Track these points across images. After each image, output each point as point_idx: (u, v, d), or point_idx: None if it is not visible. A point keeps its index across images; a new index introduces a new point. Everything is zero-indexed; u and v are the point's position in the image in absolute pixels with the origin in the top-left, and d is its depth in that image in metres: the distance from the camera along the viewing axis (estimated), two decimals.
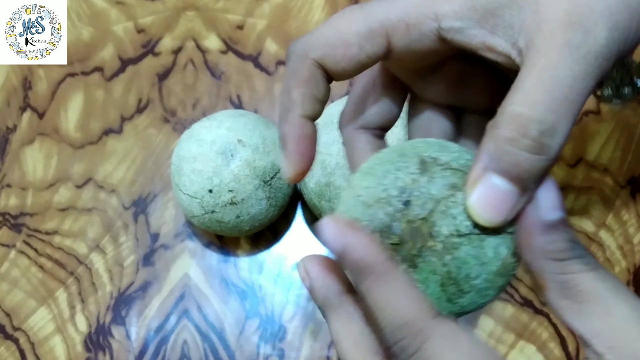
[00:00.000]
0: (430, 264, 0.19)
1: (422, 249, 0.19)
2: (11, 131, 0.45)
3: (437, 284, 0.19)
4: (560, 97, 0.17)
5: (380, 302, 0.18)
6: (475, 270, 0.19)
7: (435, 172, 0.20)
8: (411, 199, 0.20)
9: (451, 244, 0.19)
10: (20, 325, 0.39)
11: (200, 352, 0.38)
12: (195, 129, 0.36)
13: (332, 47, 0.21)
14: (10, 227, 0.42)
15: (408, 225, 0.19)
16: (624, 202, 0.40)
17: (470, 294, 0.20)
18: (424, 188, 0.20)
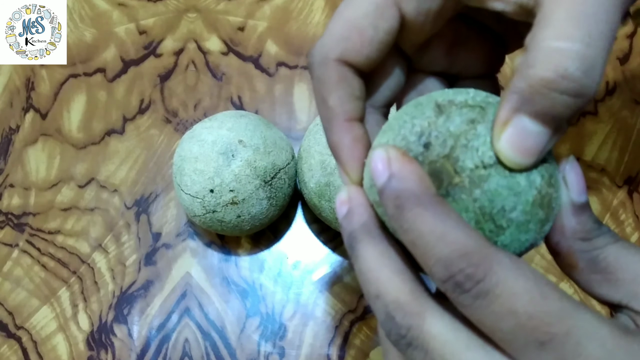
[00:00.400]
0: (460, 202, 0.18)
1: (449, 187, 0.18)
2: (14, 131, 0.45)
3: (472, 221, 0.18)
4: (597, 32, 0.16)
5: (433, 233, 0.17)
6: (509, 201, 0.18)
7: (452, 112, 0.19)
8: (430, 140, 0.19)
9: (478, 177, 0.18)
10: (23, 324, 0.40)
11: (201, 350, 0.38)
12: (197, 130, 0.37)
13: (347, 40, 0.20)
14: (13, 226, 0.42)
15: (431, 167, 0.19)
16: (621, 202, 0.41)
17: (510, 230, 0.19)
18: (442, 127, 0.19)
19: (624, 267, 0.19)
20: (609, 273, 0.19)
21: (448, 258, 0.16)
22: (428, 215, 0.17)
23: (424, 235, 0.17)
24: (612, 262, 0.19)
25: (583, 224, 0.20)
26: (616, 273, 0.19)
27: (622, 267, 0.19)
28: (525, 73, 0.17)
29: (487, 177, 0.18)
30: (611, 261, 0.19)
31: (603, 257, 0.19)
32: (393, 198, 0.17)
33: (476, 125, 0.19)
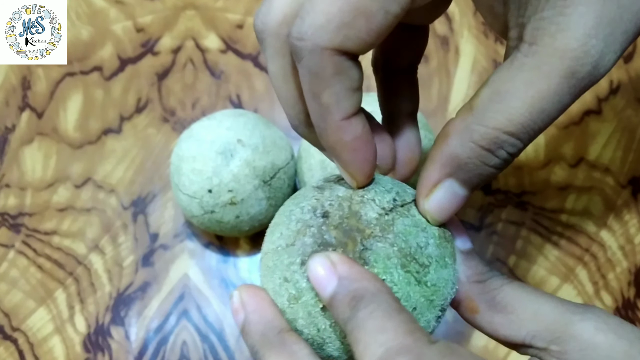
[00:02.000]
0: (381, 252, 0.19)
1: (364, 242, 0.19)
2: (10, 131, 0.44)
3: (398, 267, 0.19)
4: (528, 121, 0.17)
5: (376, 329, 0.16)
6: (421, 238, 0.19)
7: (332, 185, 0.21)
8: (326, 209, 0.19)
9: (386, 223, 0.19)
10: (19, 325, 0.39)
11: (199, 352, 0.38)
12: (195, 129, 0.36)
13: (350, 27, 0.16)
14: (9, 227, 0.42)
15: (338, 231, 0.19)
16: (625, 202, 0.40)
17: (433, 266, 0.19)
18: (331, 196, 0.20)
19: (522, 305, 0.20)
20: (509, 312, 0.20)
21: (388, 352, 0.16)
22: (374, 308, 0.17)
23: (371, 330, 0.16)
24: (511, 301, 0.20)
25: (474, 267, 0.21)
26: (516, 312, 0.20)
27: (521, 305, 0.20)
28: (463, 142, 0.18)
29: (393, 221, 0.19)
30: (509, 300, 0.20)
31: (501, 297, 0.20)
32: (348, 300, 0.17)
33: (356, 189, 0.20)
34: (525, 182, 0.41)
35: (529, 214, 0.40)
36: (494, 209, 0.40)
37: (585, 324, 0.19)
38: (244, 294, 0.20)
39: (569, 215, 0.40)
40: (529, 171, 0.41)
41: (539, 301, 0.20)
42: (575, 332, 0.19)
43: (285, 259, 0.19)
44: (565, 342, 0.19)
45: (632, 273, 0.38)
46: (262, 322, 0.19)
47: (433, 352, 0.16)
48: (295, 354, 0.18)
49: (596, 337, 0.18)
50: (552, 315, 0.19)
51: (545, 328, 0.19)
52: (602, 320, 0.19)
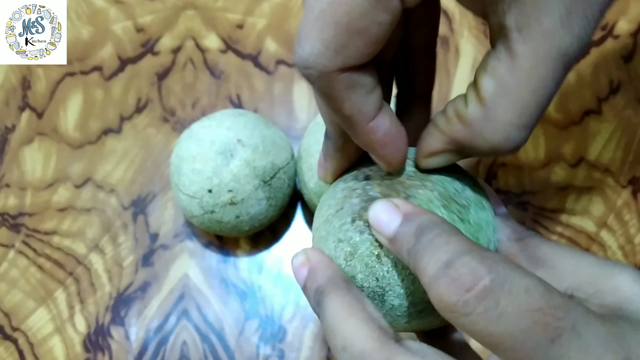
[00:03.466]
0: (422, 197, 0.20)
1: (407, 191, 0.20)
2: (10, 131, 0.44)
3: (441, 207, 0.20)
4: (546, 97, 0.18)
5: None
6: (457, 184, 0.21)
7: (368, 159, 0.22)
8: (367, 174, 0.22)
9: (422, 174, 0.21)
10: (19, 325, 0.39)
11: (199, 352, 0.38)
12: (195, 129, 0.36)
13: (347, 48, 0.17)
14: (9, 227, 0.42)
15: (381, 186, 0.21)
16: (626, 202, 0.40)
17: (472, 207, 0.21)
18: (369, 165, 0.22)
19: (562, 261, 0.21)
20: (550, 267, 0.21)
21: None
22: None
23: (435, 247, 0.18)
24: (551, 257, 0.21)
25: (512, 227, 0.22)
26: (557, 267, 0.21)
27: (561, 261, 0.21)
28: (476, 135, 0.19)
29: (429, 172, 0.21)
30: (549, 256, 0.21)
31: (541, 254, 0.21)
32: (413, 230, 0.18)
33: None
34: (525, 182, 0.41)
35: (529, 213, 0.40)
36: None
37: (624, 276, 0.20)
38: (310, 252, 0.21)
39: (569, 215, 0.40)
40: (529, 171, 0.41)
41: (578, 257, 0.21)
42: (614, 284, 0.19)
43: (336, 223, 0.21)
44: (605, 295, 0.20)
45: None
46: (330, 270, 0.20)
47: (497, 255, 0.17)
48: (359, 299, 0.19)
49: (634, 288, 0.19)
50: (591, 269, 0.20)
51: (586, 281, 0.20)
52: (637, 274, 0.20)
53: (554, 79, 0.17)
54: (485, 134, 0.18)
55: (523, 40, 0.17)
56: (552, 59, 0.17)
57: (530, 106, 0.18)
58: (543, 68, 0.17)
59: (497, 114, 0.18)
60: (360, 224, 0.20)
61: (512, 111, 0.18)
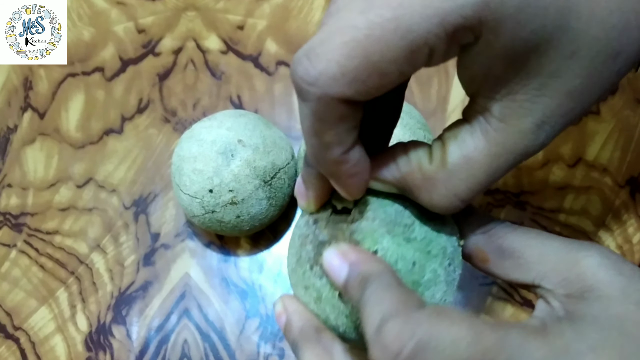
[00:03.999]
0: (365, 229, 0.21)
1: (350, 226, 0.21)
2: (12, 131, 0.45)
3: (384, 235, 0.21)
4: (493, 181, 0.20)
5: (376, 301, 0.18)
6: (397, 205, 0.21)
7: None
8: (315, 217, 0.23)
9: (362, 204, 0.22)
10: (21, 324, 0.39)
11: (200, 351, 0.38)
12: (196, 129, 0.36)
13: (362, 83, 0.16)
14: (11, 226, 0.42)
15: (328, 228, 0.22)
16: (624, 202, 0.40)
17: (416, 223, 0.21)
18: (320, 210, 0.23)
19: (529, 250, 0.21)
20: (517, 257, 0.21)
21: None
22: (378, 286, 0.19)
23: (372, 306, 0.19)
24: (518, 247, 0.21)
25: (476, 220, 0.23)
26: (523, 256, 0.21)
27: (527, 250, 0.21)
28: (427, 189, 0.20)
29: (368, 201, 0.22)
30: (516, 246, 0.22)
31: (507, 244, 0.22)
32: (358, 282, 0.19)
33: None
34: (523, 182, 0.41)
35: (528, 213, 0.40)
36: (492, 208, 0.40)
37: (589, 260, 0.20)
38: (286, 300, 0.23)
39: (567, 215, 0.40)
40: (527, 171, 0.41)
41: (544, 243, 0.21)
42: (580, 271, 0.20)
43: (299, 271, 0.22)
44: (570, 284, 0.20)
45: None
46: (302, 320, 0.22)
47: (421, 314, 0.17)
48: (328, 348, 0.21)
49: (598, 274, 0.19)
50: (557, 255, 0.21)
51: (552, 269, 0.21)
52: (605, 256, 0.20)
53: (506, 169, 0.19)
54: (433, 192, 0.20)
55: (500, 131, 0.18)
56: (515, 154, 0.19)
57: (480, 185, 0.19)
58: (504, 158, 0.19)
59: (452, 182, 0.19)
60: (317, 269, 0.22)
61: (465, 184, 0.19)
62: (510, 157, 0.19)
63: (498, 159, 0.19)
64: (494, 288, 0.39)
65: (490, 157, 0.19)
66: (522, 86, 0.18)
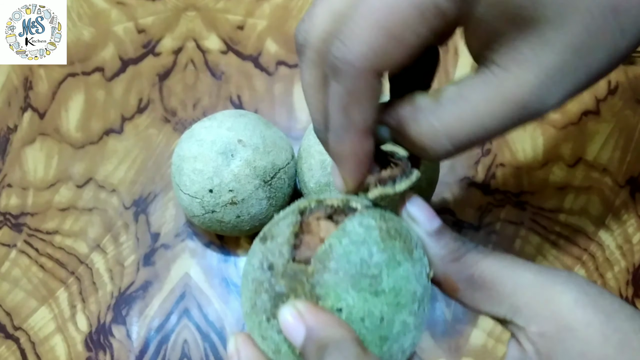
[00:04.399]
0: (328, 283, 0.19)
1: (310, 279, 0.19)
2: (12, 131, 0.45)
3: (349, 289, 0.19)
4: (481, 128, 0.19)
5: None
6: (362, 251, 0.19)
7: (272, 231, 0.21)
8: (270, 261, 0.20)
9: (324, 253, 0.19)
10: (21, 324, 0.39)
11: (200, 351, 0.38)
12: (196, 129, 0.36)
13: (386, 52, 0.18)
14: (11, 226, 0.42)
15: (285, 278, 0.19)
16: (624, 202, 0.40)
17: (384, 272, 0.19)
18: (272, 245, 0.20)
19: (501, 281, 0.20)
20: (488, 289, 0.20)
21: None
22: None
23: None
24: (489, 277, 0.20)
25: (446, 246, 0.21)
26: (495, 288, 0.20)
27: (500, 281, 0.20)
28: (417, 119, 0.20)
29: (331, 248, 0.19)
30: (487, 276, 0.20)
31: (479, 274, 0.20)
32: (315, 351, 0.18)
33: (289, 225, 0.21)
34: (524, 182, 0.41)
35: (528, 213, 0.40)
36: (492, 208, 0.40)
37: (565, 297, 0.19)
38: (240, 343, 0.21)
39: (567, 215, 0.40)
40: (527, 171, 0.41)
41: (517, 274, 0.20)
42: (554, 308, 0.19)
43: (255, 319, 0.20)
44: (544, 321, 0.19)
45: (630, 272, 0.39)
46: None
47: None
48: None
49: (575, 313, 0.18)
50: (531, 289, 0.19)
51: (525, 303, 0.19)
52: (582, 290, 0.19)
53: (501, 120, 0.18)
54: (423, 125, 0.19)
55: (500, 76, 0.18)
56: (513, 105, 0.18)
57: (472, 128, 0.19)
58: (500, 106, 0.18)
59: (442, 115, 0.19)
60: (275, 323, 0.20)
61: (456, 121, 0.19)
62: (506, 106, 0.18)
63: (493, 104, 0.18)
64: None
65: (486, 100, 0.18)
66: (525, 40, 0.18)
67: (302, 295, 0.19)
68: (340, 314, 0.19)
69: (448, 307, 0.38)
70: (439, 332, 0.37)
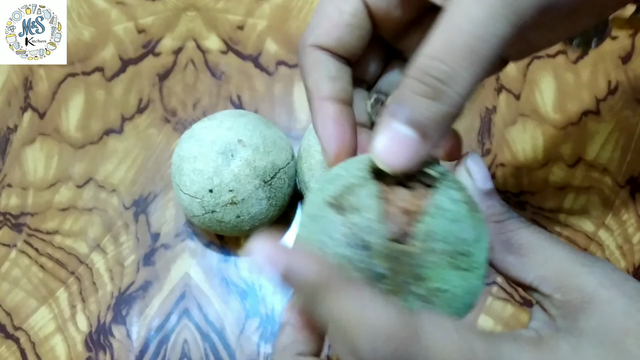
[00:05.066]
0: (430, 263, 0.19)
1: (412, 260, 0.18)
2: (12, 131, 0.45)
3: (450, 269, 0.19)
4: (460, 44, 0.17)
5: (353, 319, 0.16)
6: (456, 228, 0.19)
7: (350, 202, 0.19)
8: (364, 240, 0.18)
9: (425, 231, 0.19)
10: (21, 324, 0.39)
11: (200, 351, 0.38)
12: (196, 129, 0.36)
13: (318, 26, 0.22)
14: (11, 226, 0.42)
15: (386, 259, 0.18)
16: (623, 202, 0.40)
17: (477, 247, 0.19)
18: (360, 221, 0.19)
19: (535, 250, 0.21)
20: (521, 255, 0.21)
21: (373, 340, 0.16)
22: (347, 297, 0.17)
23: (346, 319, 0.17)
24: (525, 244, 0.21)
25: (493, 207, 0.21)
26: (528, 255, 0.21)
27: (534, 250, 0.21)
28: (400, 82, 0.19)
29: (431, 228, 0.19)
30: (523, 243, 0.21)
31: (516, 239, 0.21)
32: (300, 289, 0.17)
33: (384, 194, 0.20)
34: (523, 182, 0.41)
35: (528, 213, 0.40)
36: None
37: (591, 277, 0.19)
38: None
39: (567, 215, 0.40)
40: (527, 171, 0.41)
41: (552, 248, 0.21)
42: (580, 284, 0.19)
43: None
44: (569, 292, 0.20)
45: (630, 272, 0.39)
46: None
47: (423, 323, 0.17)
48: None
49: (599, 291, 0.19)
50: (561, 264, 0.20)
51: (553, 275, 0.20)
52: (607, 275, 0.19)
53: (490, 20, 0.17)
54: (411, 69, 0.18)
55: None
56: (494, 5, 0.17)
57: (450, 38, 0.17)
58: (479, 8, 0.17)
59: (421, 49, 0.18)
60: None
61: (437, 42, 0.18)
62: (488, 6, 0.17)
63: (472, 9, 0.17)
64: (494, 288, 0.39)
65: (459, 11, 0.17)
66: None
67: (403, 276, 0.18)
68: (442, 294, 0.19)
69: None
70: None
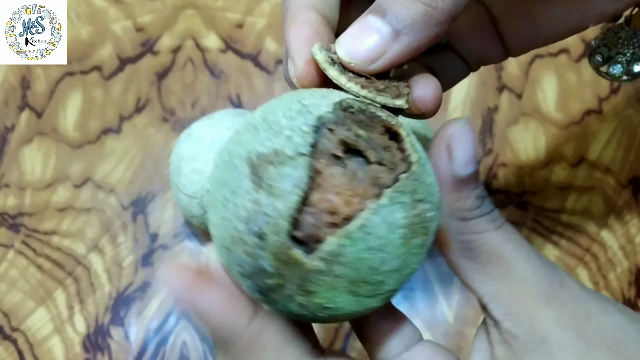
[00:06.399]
0: (324, 284, 0.16)
1: (306, 274, 0.16)
2: (9, 131, 0.44)
3: (344, 294, 0.16)
4: None
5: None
6: (376, 260, 0.16)
7: (270, 178, 0.16)
8: (262, 229, 0.15)
9: (333, 252, 0.15)
10: (19, 325, 0.39)
11: (199, 353, 0.38)
12: (195, 129, 0.36)
13: None
14: (8, 227, 0.42)
15: (276, 259, 0.16)
16: (626, 202, 0.40)
17: (392, 277, 0.16)
18: (268, 208, 0.15)
19: (496, 260, 0.17)
20: (479, 262, 0.17)
21: None
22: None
23: None
24: (486, 251, 0.17)
25: (462, 200, 0.17)
26: (487, 265, 0.17)
27: (495, 259, 0.17)
28: None
29: (344, 249, 0.15)
30: (485, 251, 0.17)
31: (478, 245, 0.17)
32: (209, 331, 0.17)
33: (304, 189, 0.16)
34: (525, 182, 0.41)
35: (530, 214, 0.40)
36: None
37: (548, 311, 0.17)
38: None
39: (569, 215, 0.40)
40: (529, 171, 0.41)
41: (517, 262, 0.17)
42: (534, 317, 0.17)
43: (224, 257, 0.17)
44: (519, 323, 0.17)
45: (632, 273, 0.38)
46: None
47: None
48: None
49: (554, 331, 0.16)
50: (521, 284, 0.17)
51: (507, 296, 0.17)
52: (568, 310, 0.17)
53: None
54: None
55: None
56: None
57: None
58: None
59: None
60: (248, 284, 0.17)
61: None
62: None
63: None
64: None
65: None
66: None
67: (288, 284, 0.16)
68: (325, 310, 0.16)
69: (450, 308, 0.38)
70: (440, 333, 0.37)
